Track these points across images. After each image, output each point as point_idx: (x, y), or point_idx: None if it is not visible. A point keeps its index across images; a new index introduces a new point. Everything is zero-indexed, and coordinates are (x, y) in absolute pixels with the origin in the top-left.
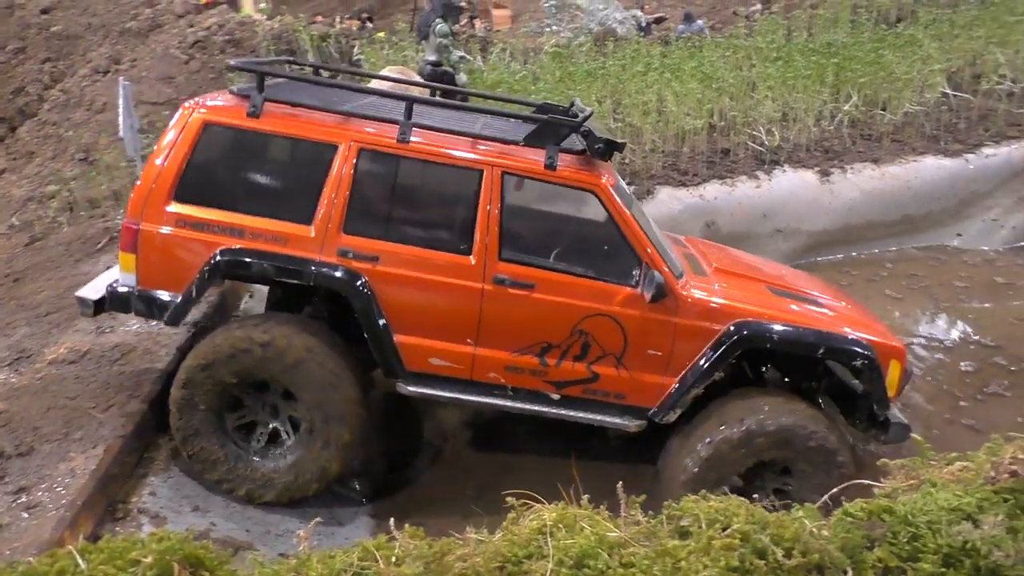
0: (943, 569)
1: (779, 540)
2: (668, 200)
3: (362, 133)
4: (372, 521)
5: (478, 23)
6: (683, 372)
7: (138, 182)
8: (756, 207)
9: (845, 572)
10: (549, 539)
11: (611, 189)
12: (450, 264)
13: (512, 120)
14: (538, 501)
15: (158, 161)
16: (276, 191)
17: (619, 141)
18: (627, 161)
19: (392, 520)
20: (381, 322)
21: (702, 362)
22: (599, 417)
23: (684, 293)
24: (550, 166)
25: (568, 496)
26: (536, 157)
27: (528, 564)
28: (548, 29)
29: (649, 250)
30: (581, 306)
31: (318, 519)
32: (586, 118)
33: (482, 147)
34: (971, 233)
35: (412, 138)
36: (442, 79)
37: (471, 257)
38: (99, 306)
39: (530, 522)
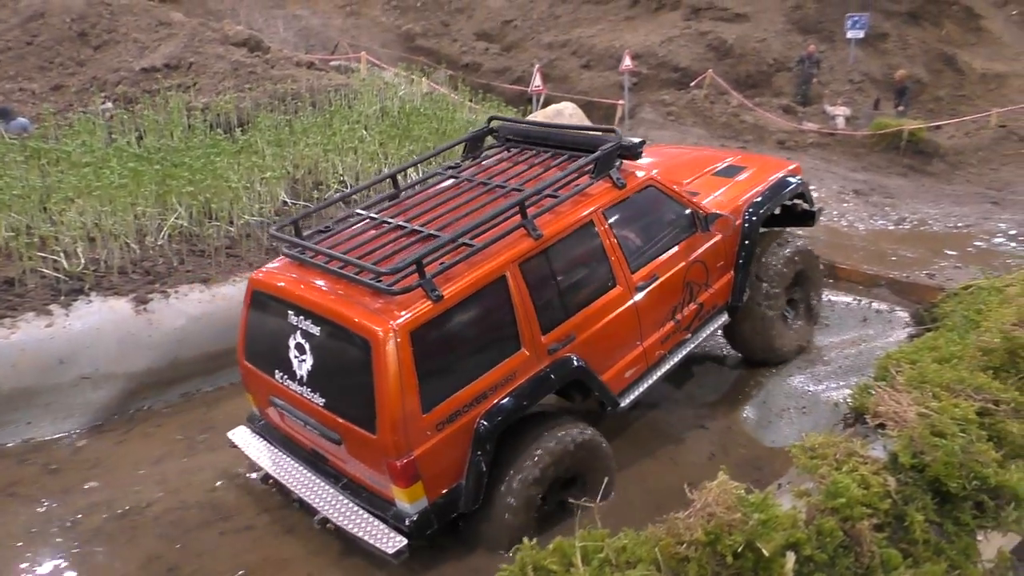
0: None
1: None
2: None
3: (511, 251)
4: None
5: None
6: (735, 264)
7: (374, 429)
8: (49, 352)
9: None
10: None
11: (657, 174)
12: (609, 301)
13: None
14: None
15: (396, 386)
16: (483, 342)
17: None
18: None
19: None
20: (599, 379)
21: (747, 248)
22: (712, 328)
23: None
24: (621, 186)
25: None
26: (605, 185)
27: None
28: None
29: (699, 203)
30: (683, 267)
31: None
32: (620, 137)
33: (573, 202)
34: None
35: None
36: None
37: (618, 286)
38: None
39: None
